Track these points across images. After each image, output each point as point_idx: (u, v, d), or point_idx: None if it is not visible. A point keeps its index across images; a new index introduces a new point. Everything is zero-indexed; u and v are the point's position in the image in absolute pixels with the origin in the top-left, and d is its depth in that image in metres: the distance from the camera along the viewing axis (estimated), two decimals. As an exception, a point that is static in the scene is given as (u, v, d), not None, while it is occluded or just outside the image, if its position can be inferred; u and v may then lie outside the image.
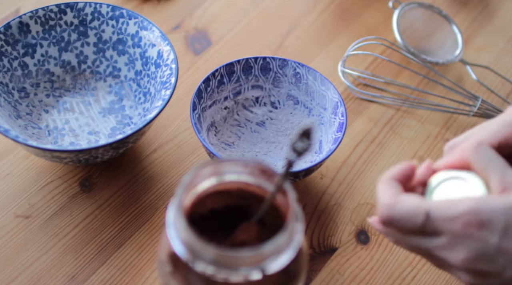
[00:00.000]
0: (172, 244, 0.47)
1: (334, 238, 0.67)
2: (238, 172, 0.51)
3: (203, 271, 0.45)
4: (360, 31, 0.85)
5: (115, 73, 0.74)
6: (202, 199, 0.52)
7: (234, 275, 0.45)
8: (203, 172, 0.50)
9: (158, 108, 0.65)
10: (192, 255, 0.46)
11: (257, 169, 0.50)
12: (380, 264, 0.66)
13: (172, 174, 0.70)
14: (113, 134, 0.71)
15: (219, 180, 0.51)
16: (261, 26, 0.85)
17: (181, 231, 0.46)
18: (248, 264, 0.45)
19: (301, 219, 0.48)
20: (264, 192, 0.51)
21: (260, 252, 0.45)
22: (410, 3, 0.83)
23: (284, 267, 0.47)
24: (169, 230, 0.47)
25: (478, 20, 0.88)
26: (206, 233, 0.48)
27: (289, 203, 0.48)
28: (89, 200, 0.68)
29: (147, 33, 0.72)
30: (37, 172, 0.69)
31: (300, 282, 0.51)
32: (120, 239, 0.66)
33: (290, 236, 0.46)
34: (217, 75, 0.70)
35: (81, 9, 0.72)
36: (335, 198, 0.70)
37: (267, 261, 0.46)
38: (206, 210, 0.52)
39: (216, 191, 0.52)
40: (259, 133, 0.73)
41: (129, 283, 0.63)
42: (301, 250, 0.49)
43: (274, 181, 0.49)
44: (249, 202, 0.52)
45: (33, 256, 0.64)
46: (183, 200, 0.49)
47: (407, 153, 0.74)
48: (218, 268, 0.45)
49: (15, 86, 0.71)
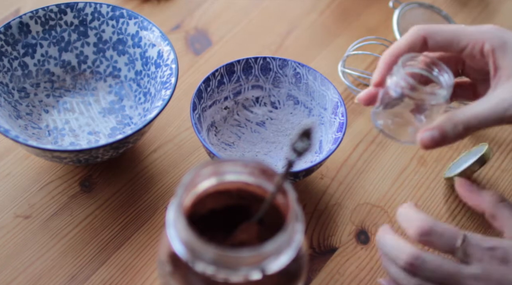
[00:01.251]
0: (172, 244, 0.47)
1: (334, 238, 0.67)
2: (238, 172, 0.51)
3: (203, 271, 0.45)
4: (360, 31, 0.85)
5: (115, 73, 0.74)
6: (202, 199, 0.52)
7: (234, 275, 0.45)
8: (203, 172, 0.50)
9: (158, 108, 0.65)
10: (192, 255, 0.46)
11: (257, 169, 0.50)
12: (380, 264, 0.66)
13: (172, 174, 0.70)
14: (113, 134, 0.71)
15: (219, 180, 0.51)
16: (261, 26, 0.85)
17: (181, 231, 0.46)
18: (248, 264, 0.45)
19: (301, 219, 0.48)
20: (264, 192, 0.51)
21: (260, 252, 0.45)
22: (410, 3, 0.83)
23: (284, 267, 0.47)
24: (169, 230, 0.47)
25: (478, 20, 0.88)
26: (206, 233, 0.48)
27: (289, 203, 0.48)
28: (89, 200, 0.68)
29: (147, 33, 0.72)
30: (37, 172, 0.69)
31: (300, 282, 0.51)
32: (120, 239, 0.66)
33: (290, 236, 0.46)
34: (217, 75, 0.70)
35: (81, 9, 0.72)
36: (335, 198, 0.70)
37: (267, 261, 0.46)
38: (206, 210, 0.52)
39: (216, 191, 0.52)
40: (259, 133, 0.73)
41: (129, 283, 0.63)
42: (301, 250, 0.49)
43: (274, 181, 0.49)
44: (249, 202, 0.52)
45: (33, 256, 0.64)
46: (183, 200, 0.49)
47: (407, 153, 0.74)
48: (218, 268, 0.45)
49: (15, 86, 0.71)
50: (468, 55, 0.57)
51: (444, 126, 0.53)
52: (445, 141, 0.53)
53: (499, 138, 0.76)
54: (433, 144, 0.54)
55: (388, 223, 0.68)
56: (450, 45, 0.57)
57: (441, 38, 0.57)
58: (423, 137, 0.54)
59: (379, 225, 0.68)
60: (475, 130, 0.53)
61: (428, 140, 0.54)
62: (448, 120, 0.53)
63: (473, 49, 0.56)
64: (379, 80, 0.57)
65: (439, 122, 0.54)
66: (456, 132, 0.53)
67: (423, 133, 0.54)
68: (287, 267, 0.47)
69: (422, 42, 0.57)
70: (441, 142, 0.53)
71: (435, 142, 0.53)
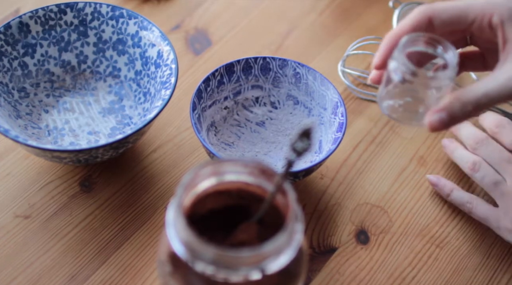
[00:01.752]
0: (172, 244, 0.47)
1: (334, 238, 0.67)
2: (238, 172, 0.51)
3: (203, 271, 0.45)
4: (360, 31, 0.85)
5: (115, 73, 0.74)
6: (202, 199, 0.52)
7: (234, 275, 0.45)
8: (203, 172, 0.50)
9: (158, 108, 0.65)
10: (192, 255, 0.46)
11: (257, 169, 0.50)
12: (380, 264, 0.66)
13: (172, 174, 0.70)
14: (113, 134, 0.71)
15: (219, 180, 0.51)
16: (261, 26, 0.85)
17: (181, 231, 0.46)
18: (248, 264, 0.45)
19: (301, 219, 0.48)
20: (264, 192, 0.51)
21: (260, 252, 0.44)
22: (410, 3, 0.83)
23: (284, 267, 0.47)
24: (168, 230, 0.47)
25: (478, 20, 0.88)
26: (205, 233, 0.48)
27: (289, 203, 0.48)
28: (89, 200, 0.68)
29: (147, 33, 0.72)
30: (37, 172, 0.69)
31: (300, 282, 0.51)
32: (120, 239, 0.66)
33: (290, 236, 0.46)
34: (217, 75, 0.70)
35: (81, 9, 0.72)
36: (335, 198, 0.70)
37: (267, 261, 0.46)
38: (206, 210, 0.52)
39: (216, 191, 0.52)
40: (259, 133, 0.73)
41: (129, 283, 0.63)
42: (301, 250, 0.49)
43: (274, 181, 0.49)
44: (249, 202, 0.52)
45: (33, 256, 0.64)
46: (182, 200, 0.49)
47: (407, 153, 0.74)
48: (217, 268, 0.45)
49: (15, 86, 0.71)
50: (477, 28, 0.55)
51: (453, 107, 0.51)
52: (454, 121, 0.52)
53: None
54: (442, 126, 0.52)
55: (388, 223, 0.68)
56: (458, 23, 0.54)
57: (448, 16, 0.54)
58: (431, 120, 0.52)
59: (379, 225, 0.68)
60: (485, 108, 0.52)
61: (437, 123, 0.52)
62: (456, 100, 0.51)
63: (482, 22, 0.54)
64: (379, 63, 0.55)
65: (447, 103, 0.52)
66: (465, 112, 0.51)
67: (432, 116, 0.52)
68: (287, 267, 0.47)
69: (427, 22, 0.55)
70: (450, 124, 0.52)
71: (444, 124, 0.52)
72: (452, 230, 0.69)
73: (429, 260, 0.66)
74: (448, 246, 0.67)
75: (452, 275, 0.65)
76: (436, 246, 0.67)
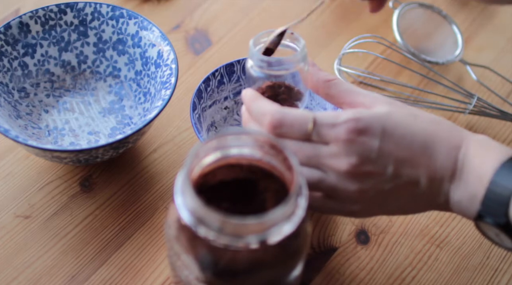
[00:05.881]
0: (178, 209, 0.48)
1: (334, 238, 0.67)
2: (245, 145, 0.52)
3: (206, 236, 0.47)
4: (360, 31, 0.85)
5: (115, 73, 0.74)
6: (209, 172, 0.53)
7: (237, 243, 0.46)
8: (211, 145, 0.51)
9: (158, 108, 0.65)
10: (197, 220, 0.47)
11: (266, 143, 0.51)
12: (380, 264, 0.66)
13: (172, 174, 0.70)
14: (113, 134, 0.71)
15: (224, 154, 0.53)
16: (261, 26, 0.85)
17: (188, 197, 0.47)
18: (250, 232, 0.46)
19: (305, 195, 0.49)
20: (272, 167, 0.52)
21: (262, 221, 0.46)
22: (410, 3, 0.83)
23: (285, 242, 0.48)
24: (176, 196, 0.49)
25: (478, 20, 0.88)
26: (211, 202, 0.49)
27: (294, 177, 0.49)
28: (89, 200, 0.68)
29: (147, 33, 0.72)
30: (37, 172, 0.69)
31: (301, 259, 0.52)
32: (120, 239, 0.66)
33: (292, 208, 0.47)
34: (217, 75, 0.70)
35: (81, 9, 0.72)
36: (335, 198, 0.70)
37: (269, 231, 0.47)
38: (213, 182, 0.53)
39: (222, 164, 0.53)
40: (259, 133, 0.73)
41: (129, 283, 0.63)
42: (304, 229, 0.50)
43: (281, 157, 0.51)
44: (256, 176, 0.53)
45: (33, 256, 0.64)
46: (192, 168, 0.50)
47: (407, 153, 0.74)
48: (221, 235, 0.46)
49: (15, 86, 0.71)
50: None
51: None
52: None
53: (500, 135, 0.76)
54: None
55: (388, 223, 0.68)
56: None
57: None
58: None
59: (379, 225, 0.68)
60: None
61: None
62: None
63: None
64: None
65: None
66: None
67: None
68: (288, 242, 0.48)
69: None
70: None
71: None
72: (452, 230, 0.69)
73: (429, 260, 0.66)
74: (448, 246, 0.67)
75: (452, 275, 0.65)
76: (436, 246, 0.67)
